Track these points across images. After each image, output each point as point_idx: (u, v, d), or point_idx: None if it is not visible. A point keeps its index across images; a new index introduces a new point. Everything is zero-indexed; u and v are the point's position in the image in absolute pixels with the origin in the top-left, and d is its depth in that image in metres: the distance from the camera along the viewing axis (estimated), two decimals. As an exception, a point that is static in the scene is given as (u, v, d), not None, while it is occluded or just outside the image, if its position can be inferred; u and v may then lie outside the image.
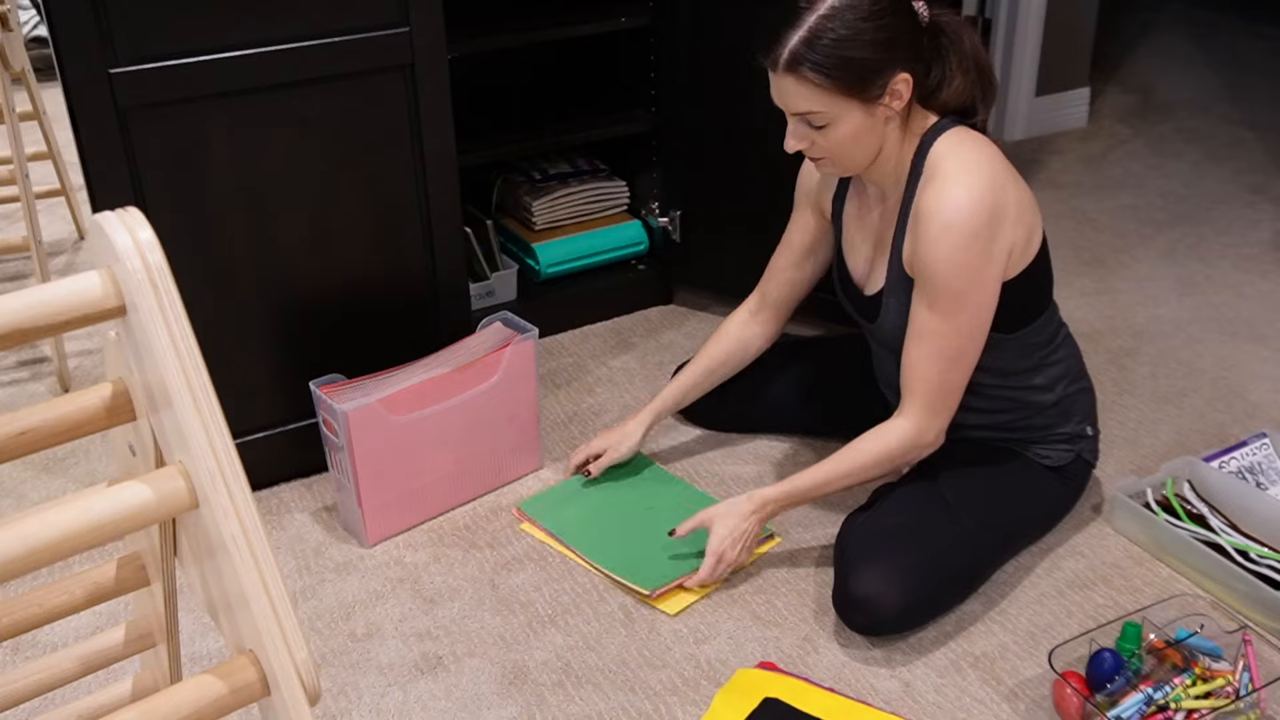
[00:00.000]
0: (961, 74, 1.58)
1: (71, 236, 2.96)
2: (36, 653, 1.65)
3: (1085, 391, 1.76)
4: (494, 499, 1.94)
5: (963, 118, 1.61)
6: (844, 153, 1.57)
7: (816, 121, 1.53)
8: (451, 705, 1.54)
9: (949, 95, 1.59)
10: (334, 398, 1.73)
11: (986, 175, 1.51)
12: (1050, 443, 1.73)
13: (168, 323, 0.82)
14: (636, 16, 2.31)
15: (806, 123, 1.54)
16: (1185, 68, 4.02)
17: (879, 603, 1.56)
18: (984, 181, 1.51)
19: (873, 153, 1.58)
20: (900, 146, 1.59)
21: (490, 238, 2.39)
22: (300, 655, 0.84)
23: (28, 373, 2.36)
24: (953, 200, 1.50)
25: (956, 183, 1.51)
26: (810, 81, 1.49)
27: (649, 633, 1.65)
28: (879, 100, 1.51)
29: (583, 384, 2.27)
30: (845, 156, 1.57)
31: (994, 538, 1.68)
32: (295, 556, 1.82)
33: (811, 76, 1.49)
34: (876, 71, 1.49)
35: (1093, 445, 1.78)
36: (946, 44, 1.57)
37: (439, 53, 1.82)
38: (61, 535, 0.80)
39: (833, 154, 1.57)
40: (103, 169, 1.65)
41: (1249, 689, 1.45)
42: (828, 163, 1.59)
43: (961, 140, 1.56)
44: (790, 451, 2.04)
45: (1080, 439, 1.75)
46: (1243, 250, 2.72)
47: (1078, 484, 1.79)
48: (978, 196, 1.50)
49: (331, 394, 1.74)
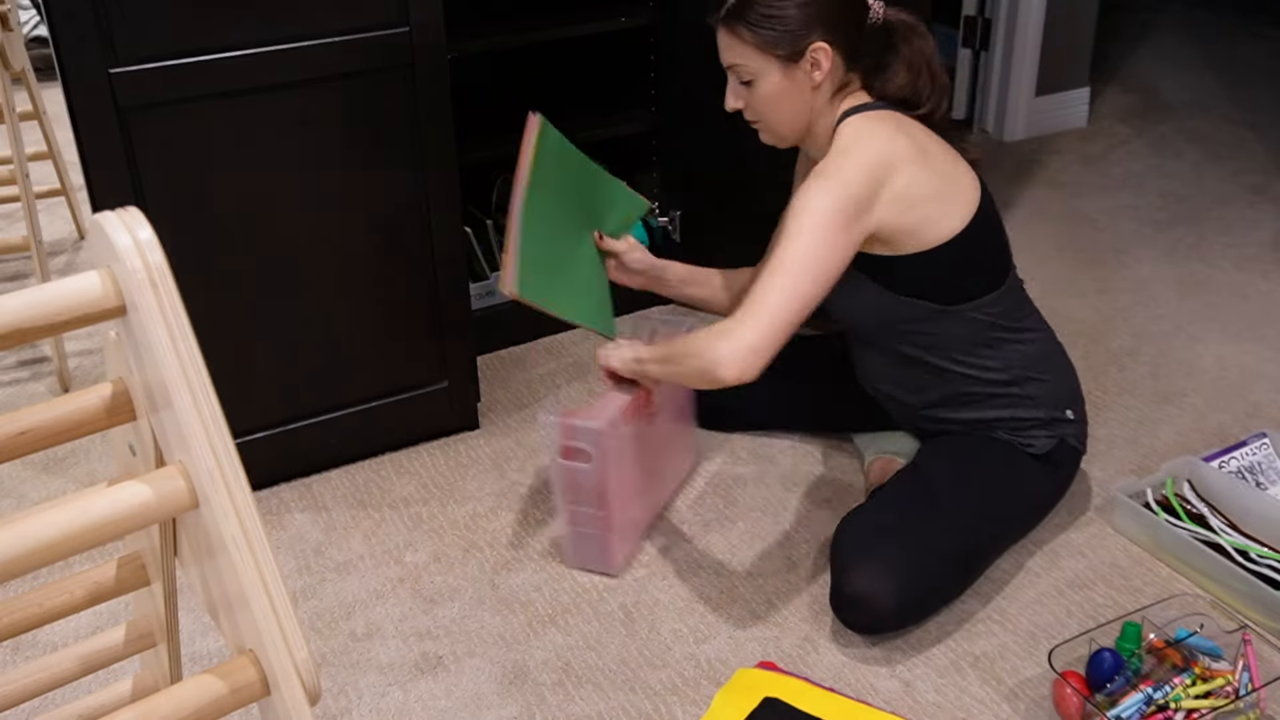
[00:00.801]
0: (907, 71, 1.68)
1: (71, 236, 2.96)
2: (36, 653, 1.65)
3: (1057, 379, 1.76)
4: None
5: (903, 107, 1.69)
6: (770, 115, 1.67)
7: (742, 76, 1.64)
8: (451, 705, 1.54)
9: (890, 88, 1.69)
10: (575, 420, 1.67)
11: (870, 152, 1.59)
12: (1028, 429, 1.73)
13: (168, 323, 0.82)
14: (636, 16, 2.31)
15: (738, 78, 1.66)
16: (1185, 68, 4.02)
17: (874, 601, 1.57)
18: (862, 156, 1.58)
19: (798, 120, 1.67)
20: (827, 121, 1.68)
21: (490, 238, 2.39)
22: (300, 655, 0.84)
23: (28, 373, 2.36)
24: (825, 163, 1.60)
25: (835, 152, 1.61)
26: (738, 36, 1.62)
27: (649, 633, 1.65)
28: (797, 64, 1.61)
29: (583, 384, 2.27)
30: (772, 120, 1.68)
31: (985, 527, 1.69)
32: (295, 556, 1.82)
33: (740, 31, 1.61)
34: (795, 34, 1.60)
35: (1079, 430, 1.78)
36: (897, 42, 1.67)
37: (439, 53, 1.82)
38: (61, 535, 0.80)
39: (762, 116, 1.68)
40: (103, 169, 1.65)
41: (1249, 689, 1.45)
42: (761, 126, 1.71)
43: (868, 119, 1.64)
44: (791, 451, 2.04)
45: (1060, 423, 1.74)
46: (1243, 250, 2.72)
47: (1067, 471, 1.79)
48: (850, 164, 1.58)
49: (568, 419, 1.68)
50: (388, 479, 2.01)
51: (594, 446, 1.66)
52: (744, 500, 1.92)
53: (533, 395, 2.24)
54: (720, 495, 1.93)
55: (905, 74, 1.68)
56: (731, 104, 1.69)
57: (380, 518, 1.91)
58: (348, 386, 1.96)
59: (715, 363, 1.53)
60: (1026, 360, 1.73)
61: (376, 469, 2.03)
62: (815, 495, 1.92)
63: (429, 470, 2.03)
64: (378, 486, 1.99)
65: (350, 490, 1.98)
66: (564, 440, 1.69)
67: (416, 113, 1.83)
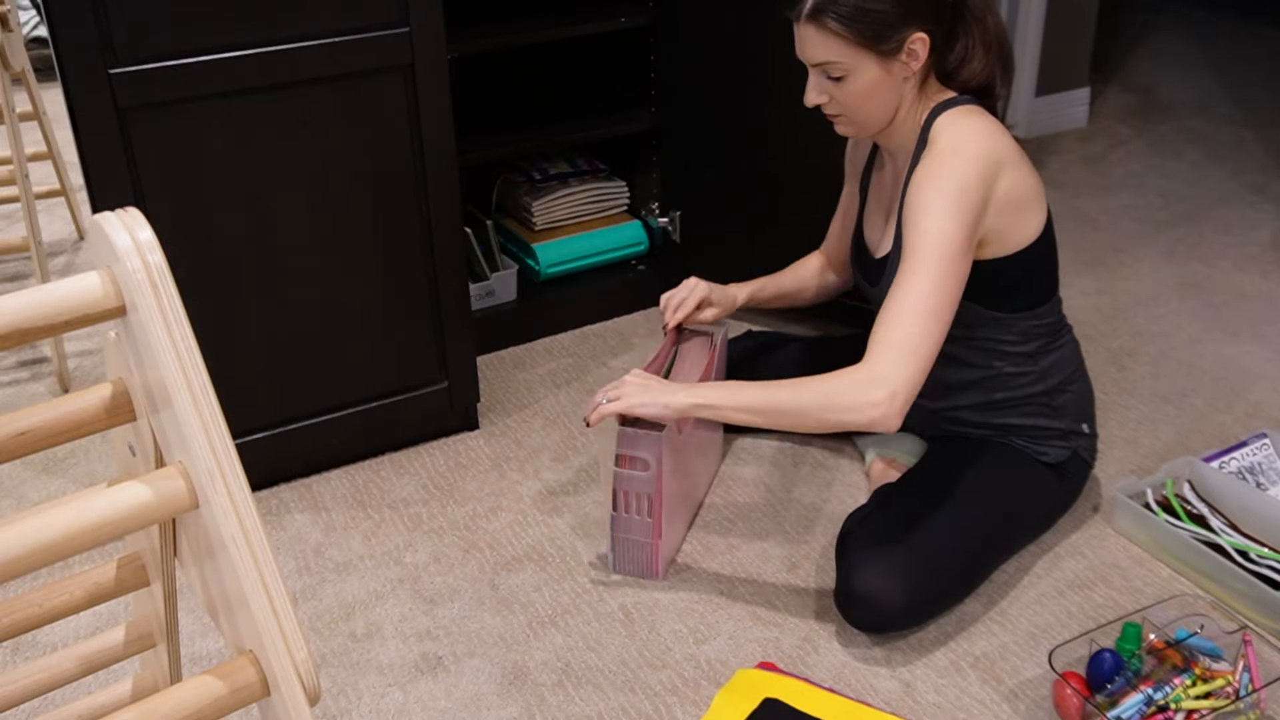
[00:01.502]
0: (983, 50, 1.62)
1: (71, 236, 2.96)
2: (36, 653, 1.65)
3: (1081, 391, 1.77)
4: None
5: (980, 98, 1.64)
6: (859, 109, 1.60)
7: (834, 73, 1.58)
8: (451, 705, 1.54)
9: (969, 73, 1.63)
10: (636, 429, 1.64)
11: (980, 148, 1.54)
12: (1045, 439, 1.73)
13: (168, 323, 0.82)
14: (636, 16, 2.31)
15: (825, 74, 1.59)
16: (1185, 68, 4.02)
17: (882, 599, 1.56)
18: (975, 151, 1.54)
19: (887, 113, 1.62)
20: (913, 114, 1.63)
21: (490, 238, 2.39)
22: (300, 655, 0.84)
23: (28, 373, 2.36)
24: (941, 163, 1.54)
25: (948, 149, 1.55)
26: (830, 31, 1.54)
27: (649, 633, 1.65)
28: (895, 56, 1.56)
29: (583, 384, 2.27)
30: (860, 113, 1.61)
31: (995, 533, 1.69)
32: (295, 556, 1.82)
33: (832, 25, 1.54)
34: (894, 26, 1.53)
35: (1090, 444, 1.78)
36: (970, 19, 1.61)
37: (439, 53, 1.82)
38: (61, 535, 0.80)
39: (848, 110, 1.61)
40: (103, 169, 1.65)
41: (1249, 689, 1.45)
42: (843, 120, 1.64)
43: (966, 114, 1.59)
44: (791, 451, 2.04)
45: (1076, 436, 1.75)
46: (1243, 250, 2.72)
47: (1075, 482, 1.79)
48: (965, 163, 1.53)
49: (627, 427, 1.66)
50: (388, 479, 2.00)
51: (653, 456, 1.65)
52: (744, 500, 1.92)
53: (533, 395, 2.24)
54: (720, 495, 1.93)
55: (982, 55, 1.62)
56: (813, 99, 1.62)
57: (380, 518, 1.91)
58: (348, 386, 1.96)
59: (870, 415, 1.45)
60: (1062, 372, 1.73)
61: (376, 469, 2.03)
62: (815, 496, 1.92)
63: (429, 471, 2.03)
64: (378, 487, 1.99)
65: (350, 490, 1.98)
66: (623, 449, 1.67)
67: (416, 113, 1.83)
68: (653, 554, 1.73)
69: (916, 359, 1.47)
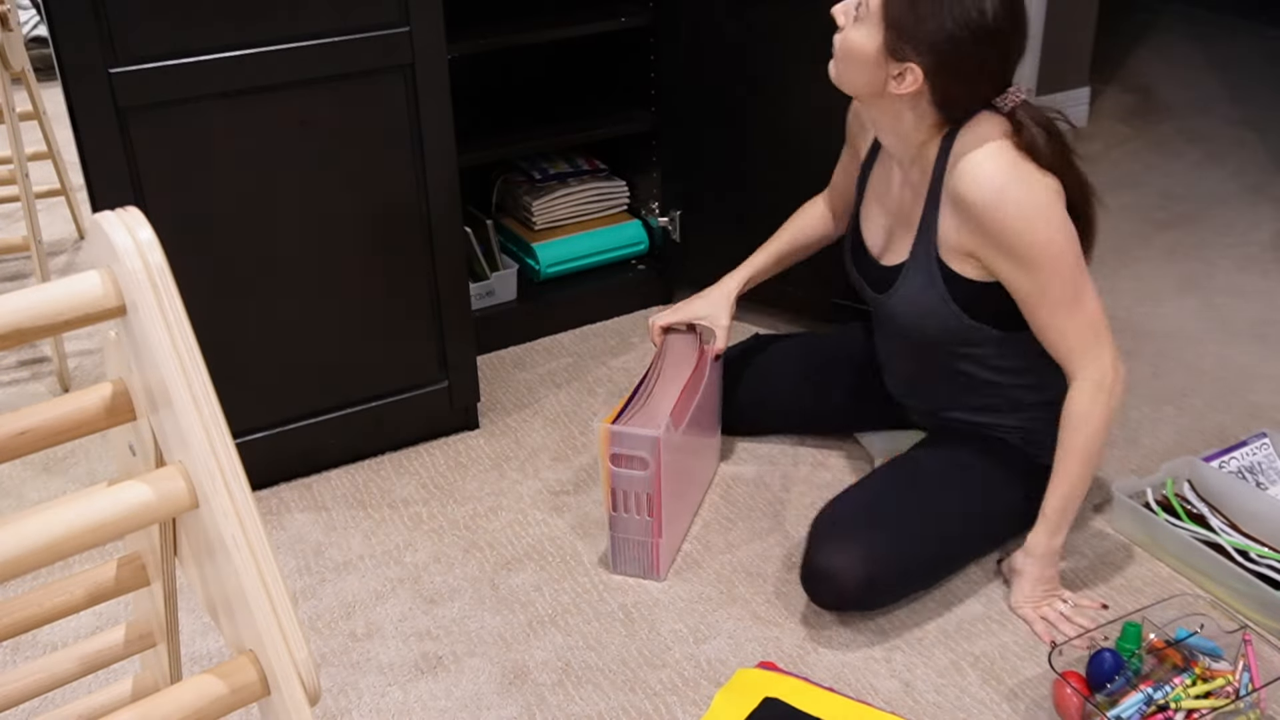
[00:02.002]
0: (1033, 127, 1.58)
1: (71, 236, 2.96)
2: (36, 653, 1.65)
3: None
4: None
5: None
6: (842, 59, 1.60)
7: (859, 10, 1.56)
8: (451, 705, 1.54)
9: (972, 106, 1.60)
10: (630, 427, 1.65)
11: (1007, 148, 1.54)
12: (1043, 441, 1.73)
13: (168, 323, 0.82)
14: (636, 16, 2.31)
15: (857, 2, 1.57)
16: (1185, 68, 4.02)
17: (842, 576, 1.58)
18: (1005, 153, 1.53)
19: (859, 90, 1.59)
20: (918, 131, 1.61)
21: (490, 238, 2.39)
22: (300, 655, 0.84)
23: (28, 373, 2.36)
24: (984, 173, 1.52)
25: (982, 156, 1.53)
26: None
27: (649, 633, 1.65)
28: (890, 58, 1.53)
29: (583, 384, 2.27)
30: (840, 63, 1.60)
31: (972, 526, 1.70)
32: (295, 556, 1.82)
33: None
34: (909, 34, 1.51)
35: None
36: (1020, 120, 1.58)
37: (439, 53, 1.82)
38: (61, 535, 0.80)
39: (839, 54, 1.60)
40: (103, 169, 1.65)
41: (1249, 689, 1.45)
42: (834, 62, 1.62)
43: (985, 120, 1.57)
44: (791, 451, 2.04)
45: None
46: (1243, 250, 2.72)
47: None
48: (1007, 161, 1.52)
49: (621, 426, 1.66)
50: (388, 479, 2.01)
51: (650, 454, 1.66)
52: (744, 500, 1.92)
53: (533, 395, 2.24)
54: (720, 495, 1.93)
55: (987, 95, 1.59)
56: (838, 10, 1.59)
57: (380, 518, 1.91)
58: (348, 386, 1.96)
59: (1121, 398, 1.60)
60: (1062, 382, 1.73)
61: (376, 469, 2.03)
62: (815, 496, 1.92)
63: (429, 470, 2.03)
64: (378, 486, 1.99)
65: (350, 490, 1.98)
66: (617, 448, 1.67)
67: (416, 113, 1.83)
68: (653, 554, 1.73)
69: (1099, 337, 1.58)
